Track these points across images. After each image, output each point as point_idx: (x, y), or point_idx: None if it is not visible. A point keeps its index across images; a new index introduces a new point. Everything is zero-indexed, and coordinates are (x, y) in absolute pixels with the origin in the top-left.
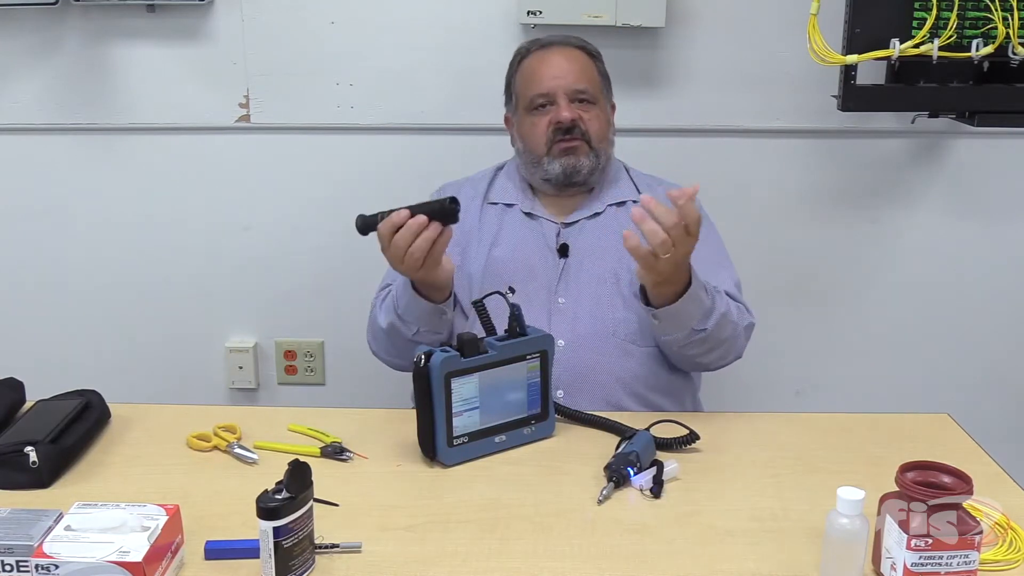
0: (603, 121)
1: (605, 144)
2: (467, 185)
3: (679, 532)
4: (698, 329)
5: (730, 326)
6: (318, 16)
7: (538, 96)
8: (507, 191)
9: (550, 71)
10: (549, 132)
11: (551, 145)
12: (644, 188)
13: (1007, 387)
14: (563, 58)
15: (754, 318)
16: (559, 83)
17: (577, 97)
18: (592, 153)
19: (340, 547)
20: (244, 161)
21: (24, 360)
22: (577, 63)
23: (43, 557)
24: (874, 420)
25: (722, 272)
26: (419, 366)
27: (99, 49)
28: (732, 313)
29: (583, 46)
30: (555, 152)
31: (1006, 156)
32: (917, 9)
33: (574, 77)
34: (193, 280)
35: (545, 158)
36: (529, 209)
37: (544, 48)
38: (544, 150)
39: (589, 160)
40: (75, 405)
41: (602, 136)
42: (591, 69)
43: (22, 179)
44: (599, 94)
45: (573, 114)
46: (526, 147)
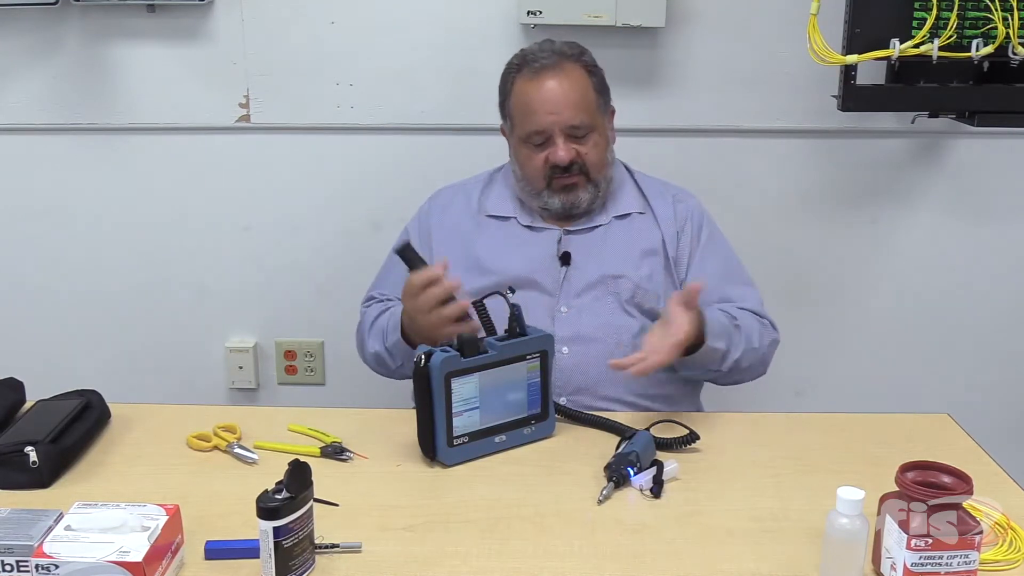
0: (601, 148)
1: (605, 170)
2: (460, 195)
3: (679, 532)
4: (715, 370)
5: (750, 354)
6: (318, 16)
7: (534, 133)
8: (504, 202)
9: (545, 105)
10: (547, 169)
11: (549, 181)
12: (650, 194)
13: (1007, 387)
14: (558, 86)
15: (778, 334)
16: (554, 120)
17: (573, 132)
18: (591, 185)
19: (340, 547)
20: (244, 161)
21: (24, 360)
22: (573, 90)
23: (43, 557)
24: (874, 420)
25: (747, 289)
26: (419, 366)
27: (99, 49)
28: (754, 340)
29: (579, 59)
30: (555, 187)
31: (1006, 156)
32: (917, 9)
33: (569, 112)
34: (193, 280)
35: (545, 192)
36: (528, 223)
37: (538, 72)
38: (543, 184)
39: (588, 193)
40: (75, 405)
41: (601, 164)
42: (587, 92)
43: (22, 179)
44: (596, 118)
45: (570, 154)
46: (523, 176)
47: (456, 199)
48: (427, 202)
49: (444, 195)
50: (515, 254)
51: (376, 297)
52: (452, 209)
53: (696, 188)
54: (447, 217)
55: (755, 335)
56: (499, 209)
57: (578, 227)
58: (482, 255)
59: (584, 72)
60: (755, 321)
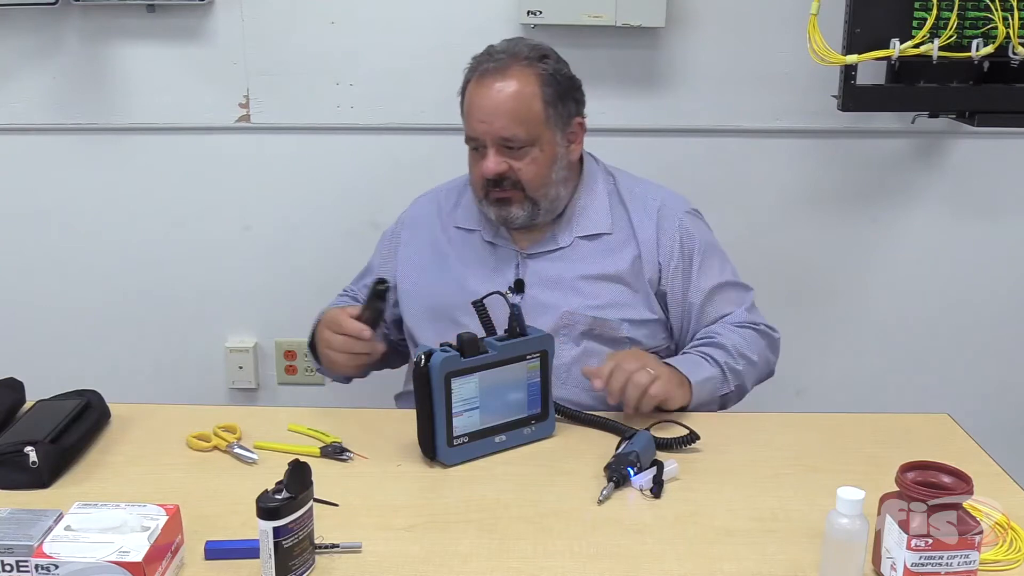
0: (541, 164)
1: (546, 188)
2: (434, 205)
3: (679, 532)
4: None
5: (751, 371)
6: (318, 16)
7: (469, 139)
8: (471, 215)
9: (480, 111)
10: (483, 179)
11: (486, 191)
12: (633, 208)
13: (1007, 387)
14: (499, 94)
15: (776, 332)
16: (485, 129)
17: (506, 144)
18: (528, 202)
19: (340, 547)
20: (244, 161)
21: (24, 360)
22: (511, 99)
23: (43, 557)
24: (874, 420)
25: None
26: (419, 366)
27: (99, 49)
28: (752, 357)
29: (535, 63)
30: (490, 199)
31: (1006, 156)
32: (917, 9)
33: (501, 122)
34: (193, 280)
35: (484, 201)
36: (491, 238)
37: (482, 76)
38: (481, 194)
39: (524, 210)
40: (75, 405)
41: (540, 182)
42: (532, 102)
43: (22, 179)
44: (539, 131)
45: (498, 168)
46: (470, 181)
47: (429, 210)
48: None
49: (419, 207)
50: (476, 272)
51: (347, 292)
52: (424, 222)
53: (696, 188)
54: (420, 232)
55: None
56: (466, 221)
57: (538, 249)
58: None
59: (535, 79)
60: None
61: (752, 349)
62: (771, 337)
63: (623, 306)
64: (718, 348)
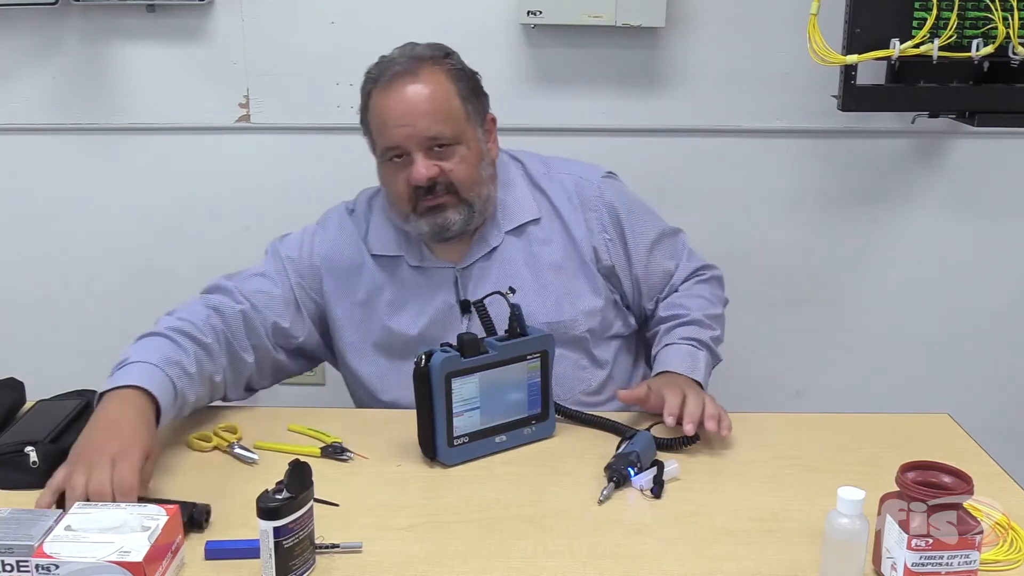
0: (471, 162)
1: (478, 188)
2: (345, 233)
3: (679, 532)
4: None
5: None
6: (318, 16)
7: (389, 149)
8: (388, 240)
9: (396, 119)
10: (410, 191)
11: (415, 203)
12: (549, 187)
13: (1007, 387)
14: (413, 95)
15: (717, 268)
16: (409, 133)
17: (433, 145)
18: (463, 205)
19: (340, 547)
20: (244, 161)
21: (24, 360)
22: (430, 98)
23: (43, 557)
24: (874, 420)
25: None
26: (419, 366)
27: (99, 49)
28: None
29: (440, 62)
30: (420, 210)
31: (1006, 156)
32: (917, 9)
33: (425, 122)
34: (193, 280)
35: (412, 215)
36: (417, 262)
37: (391, 81)
38: (408, 208)
39: (460, 214)
40: (75, 405)
41: (472, 181)
42: (449, 99)
43: (22, 179)
44: (462, 128)
45: (431, 172)
46: (390, 200)
47: (344, 241)
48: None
49: (329, 239)
50: (411, 307)
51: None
52: (345, 256)
53: (696, 188)
54: (341, 265)
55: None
56: (383, 247)
57: (472, 259)
58: (378, 302)
59: (446, 77)
60: (703, 289)
61: (713, 303)
62: (717, 278)
63: (573, 297)
64: (693, 325)
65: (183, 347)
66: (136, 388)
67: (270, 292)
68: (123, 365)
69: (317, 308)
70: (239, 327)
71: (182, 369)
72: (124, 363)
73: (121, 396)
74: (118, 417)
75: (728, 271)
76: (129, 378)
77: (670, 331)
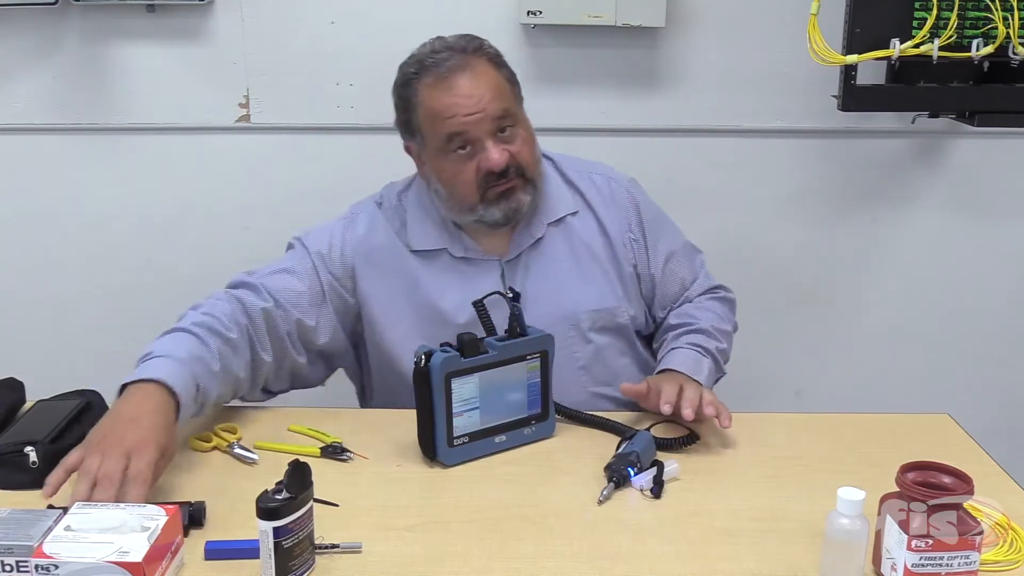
0: (530, 143)
1: (537, 167)
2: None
3: (679, 532)
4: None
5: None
6: (318, 16)
7: (455, 138)
8: (428, 234)
9: (461, 108)
10: (480, 179)
11: (484, 191)
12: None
13: (1007, 387)
14: (471, 84)
15: (732, 293)
16: (476, 121)
17: (500, 128)
18: (529, 185)
19: (340, 547)
20: (244, 161)
21: (24, 360)
22: (488, 84)
23: (43, 557)
24: (874, 420)
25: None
26: (419, 366)
27: (99, 49)
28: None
29: (483, 52)
30: (491, 197)
31: (1006, 156)
32: (917, 9)
33: (492, 106)
34: (193, 280)
35: (480, 205)
36: (461, 253)
37: (444, 75)
38: (477, 198)
39: (527, 195)
40: (75, 405)
41: (534, 161)
42: (502, 81)
43: (22, 179)
44: (517, 111)
45: (504, 157)
46: (451, 193)
47: (373, 235)
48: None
49: (362, 233)
50: (456, 296)
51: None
52: (381, 250)
53: (696, 188)
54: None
55: (722, 321)
56: (423, 241)
57: (517, 250)
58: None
59: (491, 64)
60: (714, 305)
61: (724, 320)
62: (731, 301)
63: (614, 286)
64: (701, 334)
65: (208, 344)
66: (158, 383)
67: (297, 289)
68: (147, 359)
69: (346, 306)
70: (261, 325)
71: (206, 366)
72: (148, 356)
73: (143, 390)
74: (138, 410)
75: (728, 271)
76: (152, 372)
77: (678, 337)
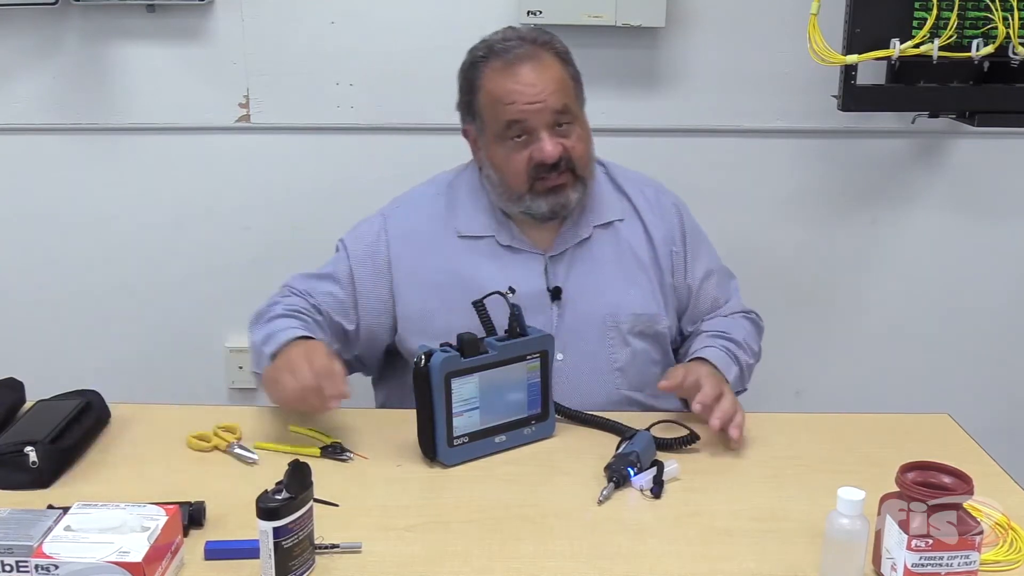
0: (586, 140)
1: (590, 167)
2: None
3: (679, 532)
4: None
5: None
6: (318, 16)
7: (513, 125)
8: (476, 220)
9: (523, 95)
10: (531, 169)
11: (533, 182)
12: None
13: (1007, 387)
14: (535, 74)
15: (761, 320)
16: (536, 110)
17: (558, 122)
18: (579, 183)
19: (340, 547)
20: (244, 161)
21: (24, 360)
22: (552, 77)
23: (43, 557)
24: (874, 420)
25: (730, 284)
26: (419, 366)
27: (99, 49)
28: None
29: (552, 45)
30: (539, 189)
31: (1006, 156)
32: (917, 9)
33: (553, 99)
34: (193, 280)
35: (527, 195)
36: (508, 241)
37: (511, 62)
38: (526, 188)
39: (576, 192)
40: (75, 405)
41: (587, 159)
42: (566, 77)
43: (22, 179)
44: (577, 109)
45: (557, 150)
46: (502, 180)
47: (416, 220)
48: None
49: (404, 218)
50: (498, 277)
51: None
52: (419, 234)
53: (696, 188)
54: (416, 246)
55: (752, 340)
56: (472, 228)
57: (562, 247)
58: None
59: (557, 59)
60: (747, 324)
61: (753, 340)
62: (760, 326)
63: (656, 294)
64: (734, 343)
65: (307, 323)
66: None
67: (336, 295)
68: (266, 341)
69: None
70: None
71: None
72: (267, 339)
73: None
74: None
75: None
76: (284, 337)
77: (712, 338)
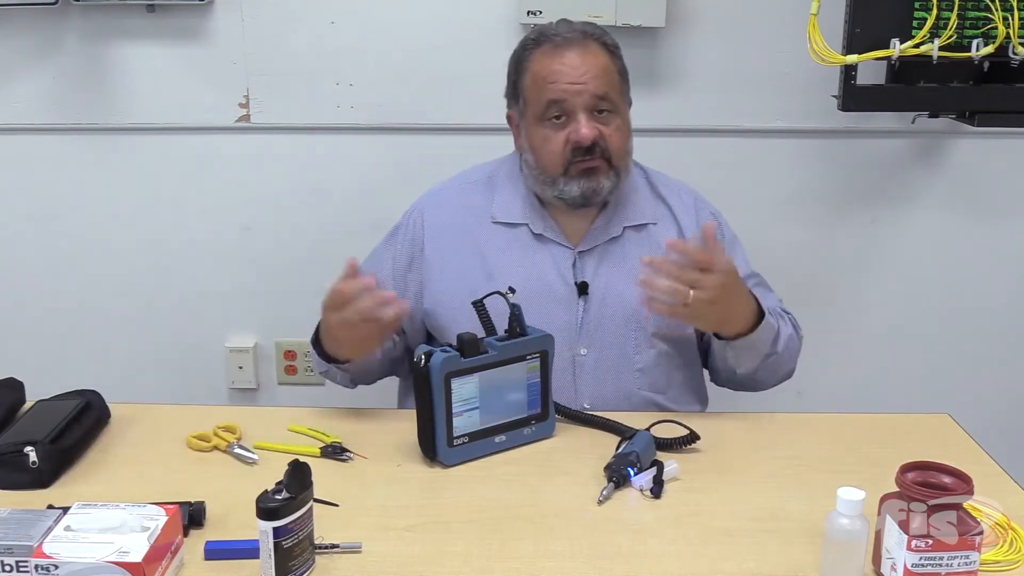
0: (625, 133)
1: (626, 160)
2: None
3: (679, 532)
4: (770, 353)
5: (792, 343)
6: (318, 16)
7: (553, 105)
8: (513, 207)
9: (566, 76)
10: (567, 151)
11: (568, 165)
12: (670, 197)
13: (1007, 387)
14: (580, 58)
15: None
16: (577, 92)
17: (598, 107)
18: (612, 172)
19: (340, 547)
20: (244, 161)
21: (24, 360)
22: (597, 64)
23: (43, 557)
24: (874, 420)
25: (769, 293)
26: (419, 366)
27: (99, 49)
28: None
29: (602, 38)
30: (573, 172)
31: (1006, 156)
32: (917, 9)
33: (594, 84)
34: (193, 280)
35: (561, 178)
36: (540, 230)
37: (559, 46)
38: (560, 170)
39: (609, 180)
40: (75, 405)
41: (623, 151)
42: (611, 70)
43: (22, 179)
44: (619, 101)
45: (593, 133)
46: (538, 162)
47: (452, 206)
48: (418, 213)
49: (439, 209)
50: (526, 267)
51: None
52: (450, 222)
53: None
54: (448, 236)
55: (790, 327)
56: (508, 214)
57: (591, 244)
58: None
59: (606, 52)
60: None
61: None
62: (800, 336)
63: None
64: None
65: None
66: None
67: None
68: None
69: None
70: None
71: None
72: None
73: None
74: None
75: None
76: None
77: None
